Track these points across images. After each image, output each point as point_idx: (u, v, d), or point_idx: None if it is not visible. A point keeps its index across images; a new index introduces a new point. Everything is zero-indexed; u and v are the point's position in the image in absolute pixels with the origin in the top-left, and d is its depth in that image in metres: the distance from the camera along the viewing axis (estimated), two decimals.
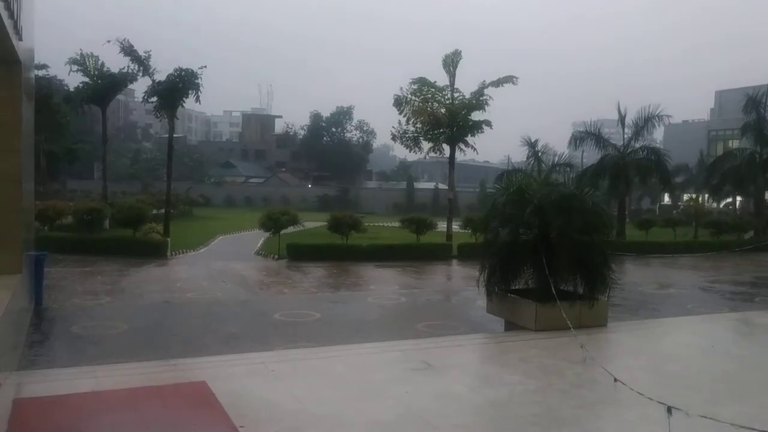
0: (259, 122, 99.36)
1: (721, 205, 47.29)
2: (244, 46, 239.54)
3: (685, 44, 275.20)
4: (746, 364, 8.33)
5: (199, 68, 25.20)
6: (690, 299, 15.40)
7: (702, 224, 31.80)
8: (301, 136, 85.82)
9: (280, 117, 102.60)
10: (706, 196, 46.40)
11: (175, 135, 27.79)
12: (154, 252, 21.24)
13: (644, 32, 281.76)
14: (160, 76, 25.35)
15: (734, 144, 47.77)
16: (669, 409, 4.26)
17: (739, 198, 44.87)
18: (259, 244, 25.20)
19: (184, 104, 26.33)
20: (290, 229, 24.32)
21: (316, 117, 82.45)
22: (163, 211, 26.85)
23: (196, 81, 25.08)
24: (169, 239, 23.02)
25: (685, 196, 53.15)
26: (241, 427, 5.40)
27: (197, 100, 25.64)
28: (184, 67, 25.09)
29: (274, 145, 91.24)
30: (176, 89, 25.01)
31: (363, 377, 7.05)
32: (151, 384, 6.56)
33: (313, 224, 28.82)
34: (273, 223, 22.61)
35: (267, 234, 24.32)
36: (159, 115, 26.68)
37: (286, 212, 23.59)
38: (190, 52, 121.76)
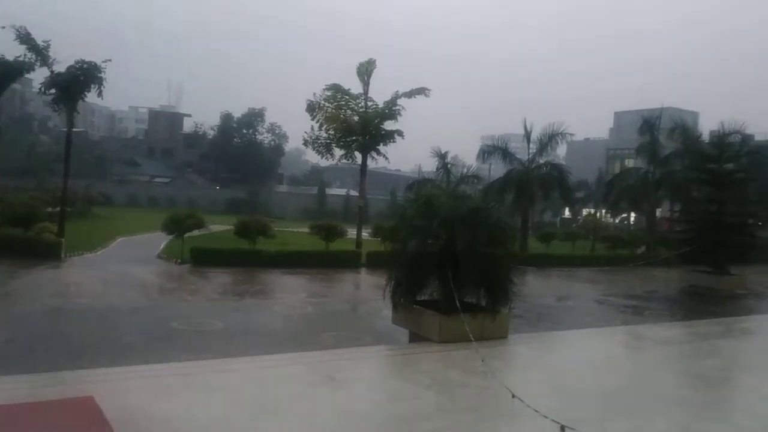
0: (166, 120, 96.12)
1: (617, 221, 49.84)
2: (153, 42, 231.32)
3: (588, 64, 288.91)
4: (636, 378, 8.72)
5: (103, 62, 24.05)
6: (586, 312, 16.07)
7: (599, 238, 33.37)
8: (210, 137, 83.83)
9: (190, 116, 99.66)
10: (604, 211, 48.79)
11: (75, 129, 26.37)
12: (47, 253, 20.04)
13: (550, 49, 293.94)
14: (61, 68, 24.03)
15: (630, 163, 50.54)
16: (562, 428, 4.35)
17: (633, 214, 47.45)
18: (161, 247, 24.30)
19: (85, 98, 25.03)
20: (195, 233, 23.61)
21: (226, 117, 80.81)
22: (58, 209, 25.39)
23: (99, 75, 23.91)
24: (63, 240, 21.77)
25: (585, 211, 55.67)
26: None
27: (100, 94, 24.43)
28: (86, 60, 23.89)
29: (181, 144, 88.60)
30: (77, 82, 23.73)
31: (264, 392, 6.85)
32: (34, 400, 6.10)
33: (220, 228, 28.12)
34: (177, 226, 21.87)
35: (171, 237, 23.49)
36: (57, 108, 25.24)
37: (192, 215, 22.89)
38: (97, 44, 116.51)
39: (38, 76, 26.69)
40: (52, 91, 24.39)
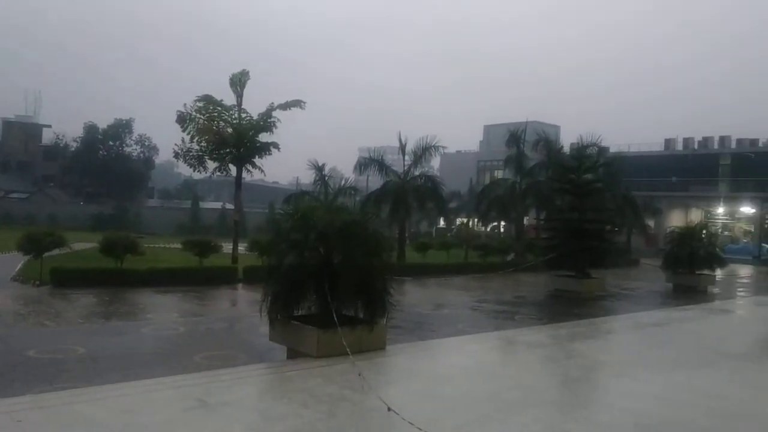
0: (22, 131, 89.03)
1: (488, 229, 51.89)
2: (7, 48, 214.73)
3: (460, 78, 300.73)
4: (508, 381, 9.05)
5: None
6: (461, 319, 16.53)
7: (471, 247, 34.55)
8: (73, 149, 78.67)
9: (49, 126, 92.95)
10: (476, 220, 50.64)
11: None
12: None
13: (422, 62, 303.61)
14: None
15: (499, 174, 52.90)
16: None
17: (503, 222, 49.60)
18: (17, 269, 22.43)
19: None
20: (56, 252, 22.02)
21: (91, 128, 76.21)
22: None
23: None
24: None
25: (458, 221, 57.54)
26: None
27: None
28: None
29: (40, 157, 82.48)
30: None
31: (131, 421, 6.43)
32: None
33: (84, 246, 26.45)
34: (34, 245, 20.27)
35: (28, 257, 21.75)
36: None
37: (51, 233, 21.29)
38: None
39: None
40: None
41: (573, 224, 24.13)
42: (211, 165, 26.59)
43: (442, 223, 60.94)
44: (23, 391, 7.97)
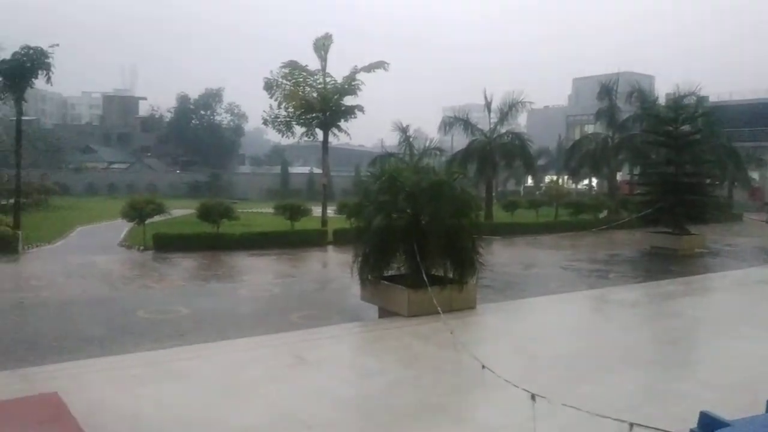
0: (121, 104, 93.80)
1: (579, 186, 50.44)
2: (104, 24, 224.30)
3: (543, 33, 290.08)
4: (603, 341, 8.87)
5: (50, 47, 23.20)
6: (552, 278, 16.26)
7: (562, 205, 33.73)
8: (167, 119, 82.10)
9: (145, 99, 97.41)
10: (566, 177, 49.33)
11: (26, 118, 25.52)
12: (4, 247, 19.44)
13: (508, 16, 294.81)
14: (6, 55, 23.15)
15: (590, 129, 51.05)
16: (533, 397, 4.38)
17: (595, 179, 48.09)
18: (122, 235, 23.83)
19: (33, 85, 24.18)
20: (157, 218, 23.19)
21: (183, 99, 79.16)
22: (12, 201, 24.66)
23: (47, 60, 23.08)
24: (20, 232, 21.18)
25: (547, 178, 56.18)
26: None
27: (48, 81, 23.61)
28: (32, 46, 23.04)
29: (138, 129, 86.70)
30: (23, 69, 22.90)
31: (233, 377, 6.78)
32: None
33: (182, 212, 27.68)
34: (136, 213, 21.42)
35: (132, 224, 23.05)
36: (3, 97, 24.35)
37: (151, 201, 22.40)
38: (45, 28, 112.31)
39: None
40: None
41: (670, 178, 23.06)
42: (299, 130, 27.09)
43: (530, 181, 59.67)
44: (135, 348, 8.54)
